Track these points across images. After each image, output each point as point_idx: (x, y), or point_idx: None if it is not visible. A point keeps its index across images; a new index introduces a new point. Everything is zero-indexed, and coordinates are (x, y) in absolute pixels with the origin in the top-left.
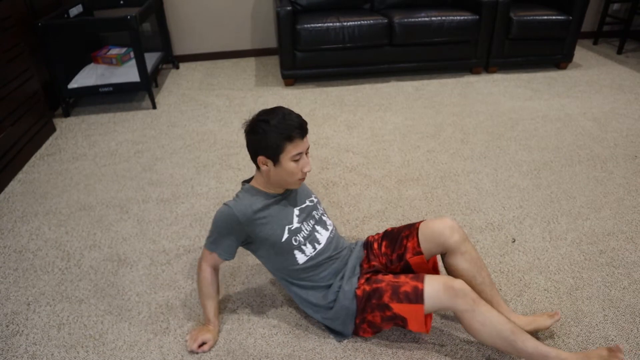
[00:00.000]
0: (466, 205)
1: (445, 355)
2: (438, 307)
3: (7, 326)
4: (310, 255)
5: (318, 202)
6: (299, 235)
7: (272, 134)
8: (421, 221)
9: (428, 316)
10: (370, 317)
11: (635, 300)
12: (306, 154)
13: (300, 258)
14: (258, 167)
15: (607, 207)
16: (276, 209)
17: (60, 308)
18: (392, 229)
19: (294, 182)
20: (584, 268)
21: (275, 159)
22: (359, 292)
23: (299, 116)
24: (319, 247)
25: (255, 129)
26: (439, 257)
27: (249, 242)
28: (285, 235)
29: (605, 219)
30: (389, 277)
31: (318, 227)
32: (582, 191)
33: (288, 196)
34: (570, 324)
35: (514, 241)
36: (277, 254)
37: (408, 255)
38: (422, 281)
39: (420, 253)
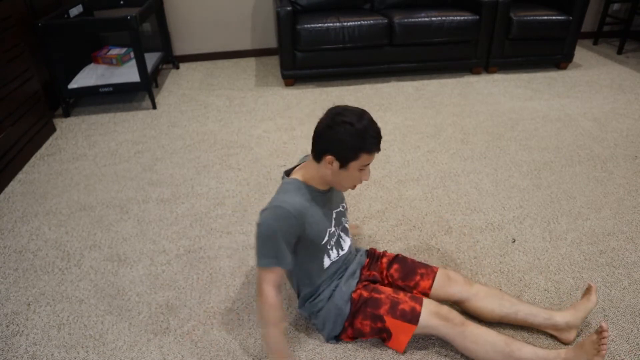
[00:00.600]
0: (466, 206)
1: (445, 356)
2: (427, 331)
3: (7, 326)
4: (334, 259)
5: (347, 208)
6: (333, 239)
7: (353, 139)
8: (436, 267)
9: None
10: (359, 324)
11: (636, 301)
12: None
13: (326, 262)
14: (317, 161)
15: (607, 207)
16: (319, 208)
17: (60, 308)
18: (406, 258)
19: (348, 187)
20: (584, 268)
21: (344, 163)
22: (355, 295)
23: (378, 127)
24: (342, 253)
25: (336, 127)
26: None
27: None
28: (326, 238)
29: (606, 219)
30: (389, 291)
31: (343, 234)
32: (582, 191)
33: (330, 196)
34: None
35: (514, 241)
36: (310, 255)
37: (415, 292)
38: (420, 304)
39: (426, 295)
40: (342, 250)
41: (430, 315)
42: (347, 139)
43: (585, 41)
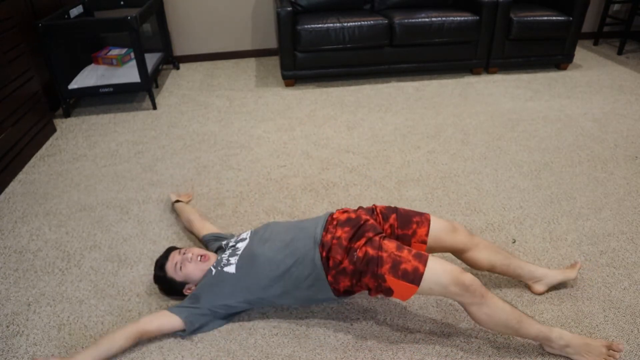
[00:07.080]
0: (466, 206)
1: (446, 356)
2: (435, 294)
3: (7, 327)
4: (236, 262)
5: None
6: (223, 258)
7: (165, 273)
8: (427, 214)
9: None
10: (366, 281)
11: (636, 301)
12: (185, 252)
13: (231, 269)
14: (183, 295)
15: (607, 208)
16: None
17: (60, 309)
18: (398, 209)
19: (201, 268)
20: (584, 269)
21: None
22: (360, 253)
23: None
24: (240, 247)
25: (164, 284)
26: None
27: None
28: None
29: (606, 220)
30: (393, 248)
31: (238, 245)
32: (583, 192)
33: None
34: (571, 324)
35: (514, 242)
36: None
37: (414, 240)
38: (424, 264)
39: (424, 243)
40: (239, 250)
41: (452, 283)
42: (167, 276)
43: (586, 42)
